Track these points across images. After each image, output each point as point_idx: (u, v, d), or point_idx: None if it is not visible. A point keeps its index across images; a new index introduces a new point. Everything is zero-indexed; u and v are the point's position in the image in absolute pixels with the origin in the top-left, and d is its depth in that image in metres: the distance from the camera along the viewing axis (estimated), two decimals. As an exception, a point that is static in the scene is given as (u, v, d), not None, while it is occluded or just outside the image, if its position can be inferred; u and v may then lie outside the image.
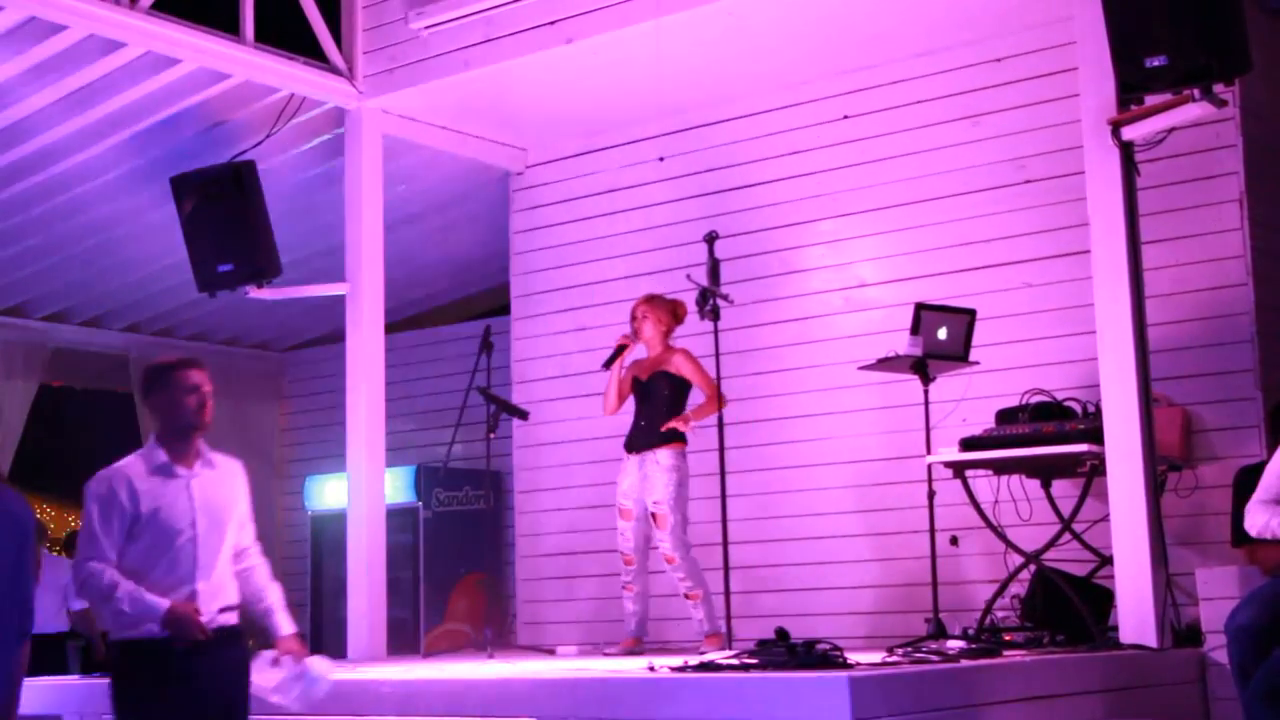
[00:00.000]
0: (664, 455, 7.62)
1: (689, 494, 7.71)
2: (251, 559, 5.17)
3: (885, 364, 7.51)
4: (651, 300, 7.95)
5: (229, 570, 5.02)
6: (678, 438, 7.68)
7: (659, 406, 7.72)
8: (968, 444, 7.07)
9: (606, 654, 7.59)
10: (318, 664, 5.12)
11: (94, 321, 12.01)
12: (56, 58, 8.20)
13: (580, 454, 9.62)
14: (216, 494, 5.13)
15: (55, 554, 12.48)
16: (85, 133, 8.94)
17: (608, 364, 7.93)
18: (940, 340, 7.35)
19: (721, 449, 7.62)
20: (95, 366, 12.64)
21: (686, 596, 7.62)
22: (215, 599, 4.89)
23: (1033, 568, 7.06)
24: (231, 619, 4.96)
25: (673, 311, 7.95)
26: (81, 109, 8.69)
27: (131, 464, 5.03)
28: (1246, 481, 6.33)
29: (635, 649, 7.63)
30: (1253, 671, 5.41)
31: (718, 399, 7.64)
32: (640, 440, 7.75)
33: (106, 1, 7.91)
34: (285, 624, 5.09)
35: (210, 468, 5.25)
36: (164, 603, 4.73)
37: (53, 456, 16.95)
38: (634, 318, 7.94)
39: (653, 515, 7.62)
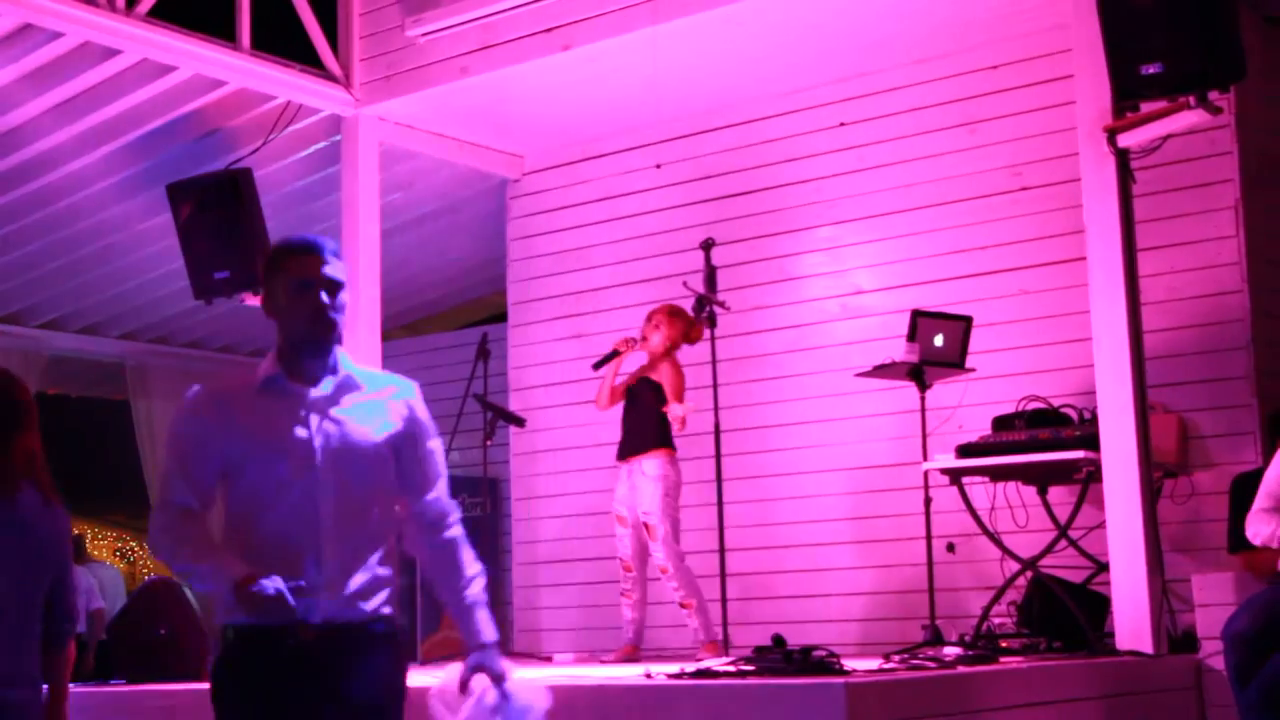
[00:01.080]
0: (649, 464, 7.59)
1: (680, 501, 7.68)
2: (439, 526, 3.77)
3: (882, 371, 7.51)
4: (673, 314, 7.85)
5: (377, 537, 3.60)
6: (663, 444, 7.63)
7: (644, 413, 7.68)
8: (964, 450, 7.07)
9: (604, 661, 7.58)
10: (526, 690, 3.78)
11: (90, 329, 11.99)
12: (52, 64, 8.21)
13: (577, 461, 9.61)
14: (358, 427, 3.59)
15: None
16: (81, 140, 8.94)
17: (598, 365, 7.91)
18: (936, 347, 7.35)
19: (718, 456, 7.62)
20: (91, 374, 12.65)
21: (681, 605, 7.61)
22: (343, 576, 3.50)
23: (1029, 574, 7.06)
24: (373, 610, 3.54)
25: (685, 332, 7.84)
26: (77, 116, 8.69)
27: (237, 378, 3.74)
28: (1243, 488, 6.35)
29: (633, 656, 7.61)
30: (1250, 677, 5.42)
31: (679, 399, 7.56)
32: (626, 448, 7.74)
33: (102, 8, 7.90)
34: (485, 629, 3.69)
35: (353, 390, 3.64)
36: (234, 570, 3.41)
37: (49, 464, 16.94)
38: (647, 320, 7.86)
39: (644, 525, 7.61)
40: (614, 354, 7.88)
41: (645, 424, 7.65)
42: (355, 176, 9.06)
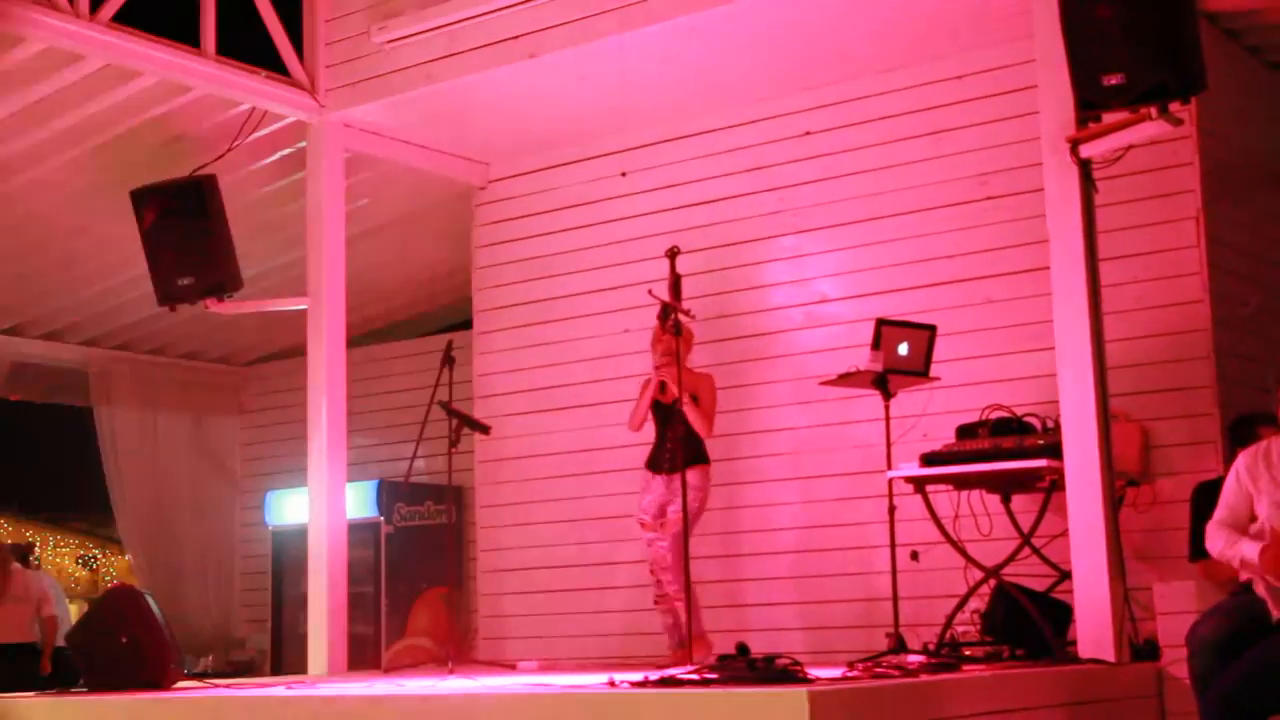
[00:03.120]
0: (693, 476, 7.73)
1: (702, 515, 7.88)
2: None
3: (846, 379, 7.53)
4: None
5: None
6: (703, 459, 7.88)
7: (683, 428, 7.76)
8: (928, 459, 7.09)
9: (660, 667, 7.53)
10: None
11: (53, 335, 11.94)
12: (15, 70, 8.16)
13: (543, 469, 9.61)
14: None
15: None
16: (44, 145, 8.90)
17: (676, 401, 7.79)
18: (901, 356, 7.37)
19: (683, 463, 7.63)
20: (54, 380, 12.56)
21: (674, 599, 7.73)
22: None
23: (993, 582, 7.08)
24: None
25: (692, 336, 8.08)
26: (41, 122, 8.64)
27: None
28: (1204, 496, 6.38)
29: (680, 658, 7.55)
30: (1213, 684, 5.45)
31: (708, 429, 7.88)
32: (669, 461, 7.88)
33: (66, 14, 7.86)
34: None
35: None
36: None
37: (11, 470, 16.84)
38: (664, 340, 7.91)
39: (662, 520, 7.81)
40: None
41: (690, 438, 7.78)
42: (320, 183, 9.05)
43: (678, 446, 7.72)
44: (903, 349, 7.37)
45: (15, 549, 11.69)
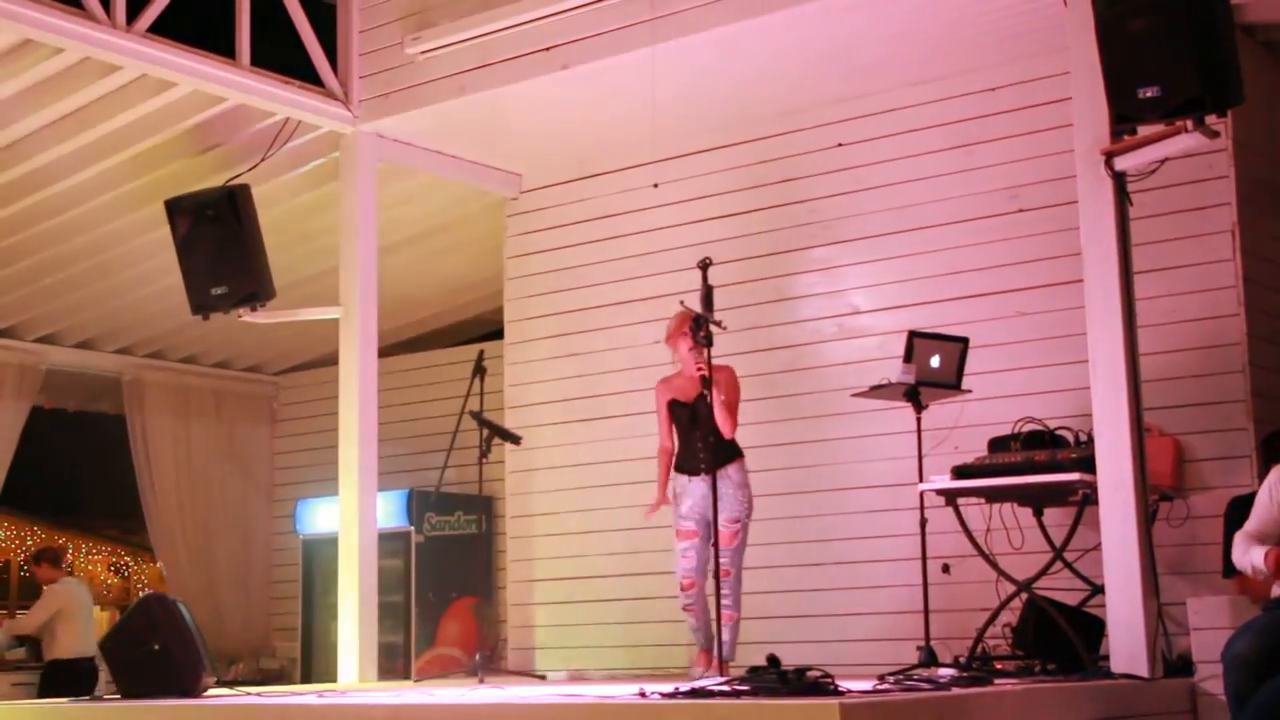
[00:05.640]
0: (734, 471, 7.65)
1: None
2: None
3: (878, 391, 7.52)
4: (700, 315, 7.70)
5: None
6: (739, 452, 7.71)
7: (712, 425, 7.55)
8: (960, 472, 7.07)
9: (693, 674, 7.51)
10: None
11: (87, 344, 12.00)
12: (53, 80, 8.22)
13: (573, 479, 9.61)
14: None
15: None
16: (81, 155, 8.95)
17: (703, 398, 7.58)
18: (933, 368, 7.36)
19: (714, 474, 7.61)
20: (88, 388, 12.65)
21: (721, 616, 7.58)
22: None
23: (1024, 596, 7.05)
24: None
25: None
26: (77, 131, 8.70)
27: None
28: (1239, 511, 6.35)
29: (711, 664, 7.55)
30: (1248, 700, 5.41)
31: (732, 427, 7.63)
32: (707, 461, 7.57)
33: (103, 24, 7.92)
34: None
35: None
36: None
37: (44, 478, 16.92)
38: (689, 333, 7.58)
39: (721, 533, 7.47)
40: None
41: (720, 435, 7.59)
42: (354, 193, 9.08)
43: (711, 444, 7.58)
44: (935, 361, 7.36)
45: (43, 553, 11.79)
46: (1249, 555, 5.65)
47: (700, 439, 7.71)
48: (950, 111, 8.48)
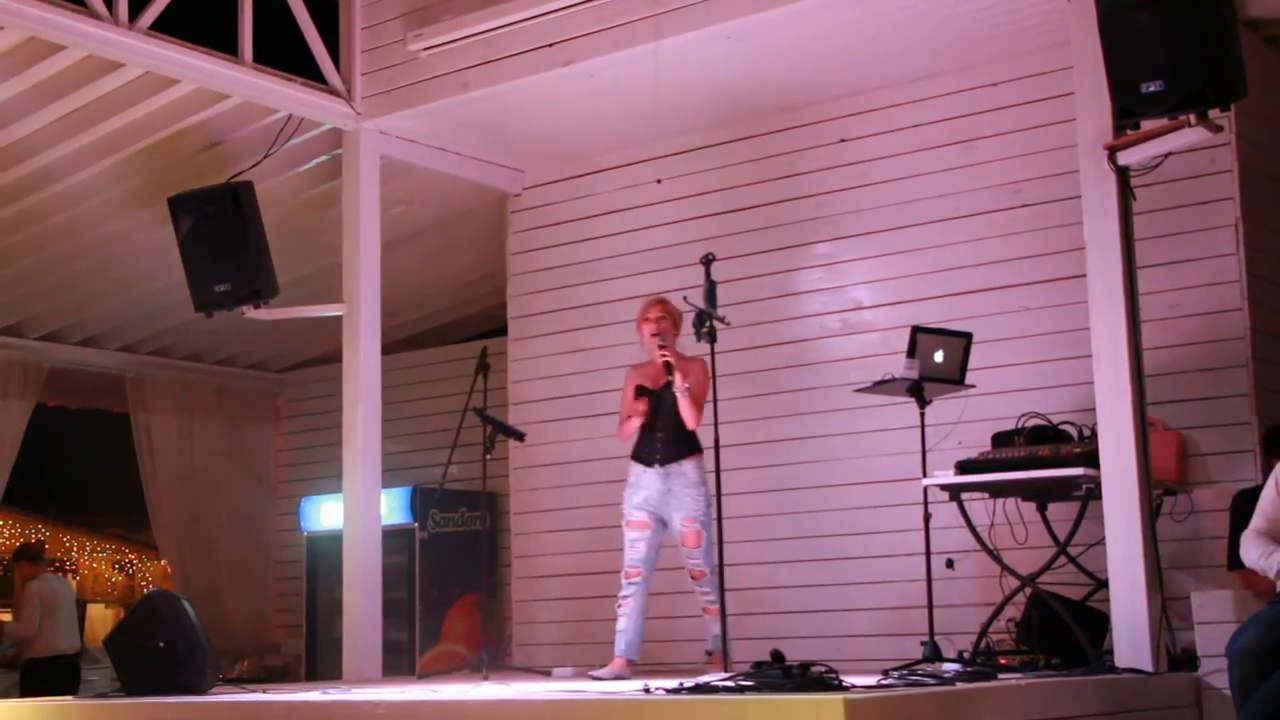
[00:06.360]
0: (690, 468, 7.48)
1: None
2: None
3: (881, 386, 7.52)
4: (667, 302, 7.71)
5: None
6: (699, 448, 7.51)
7: (675, 417, 7.47)
8: (964, 467, 7.08)
9: (594, 677, 7.47)
10: None
11: (90, 341, 12.01)
12: (55, 78, 8.22)
13: (577, 475, 9.61)
14: None
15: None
16: (84, 153, 8.96)
17: (668, 387, 7.45)
18: (936, 363, 7.36)
19: (718, 470, 7.60)
20: (91, 386, 12.65)
21: (705, 610, 7.55)
22: None
23: (1028, 591, 7.06)
24: None
25: (680, 316, 7.70)
26: (80, 129, 8.70)
27: None
28: (1244, 505, 6.35)
29: (624, 672, 7.47)
30: (1253, 694, 5.42)
31: (696, 419, 7.45)
32: (662, 454, 7.50)
33: (105, 22, 7.93)
34: None
35: None
36: None
37: (48, 476, 16.93)
38: (652, 319, 7.62)
39: (682, 534, 7.46)
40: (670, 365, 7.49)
41: (681, 428, 7.47)
42: (356, 190, 9.09)
43: (671, 436, 7.49)
44: (938, 356, 7.36)
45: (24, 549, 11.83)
46: (1273, 557, 5.60)
47: (661, 428, 7.54)
48: (953, 106, 8.48)
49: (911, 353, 7.31)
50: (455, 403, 8.75)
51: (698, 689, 5.26)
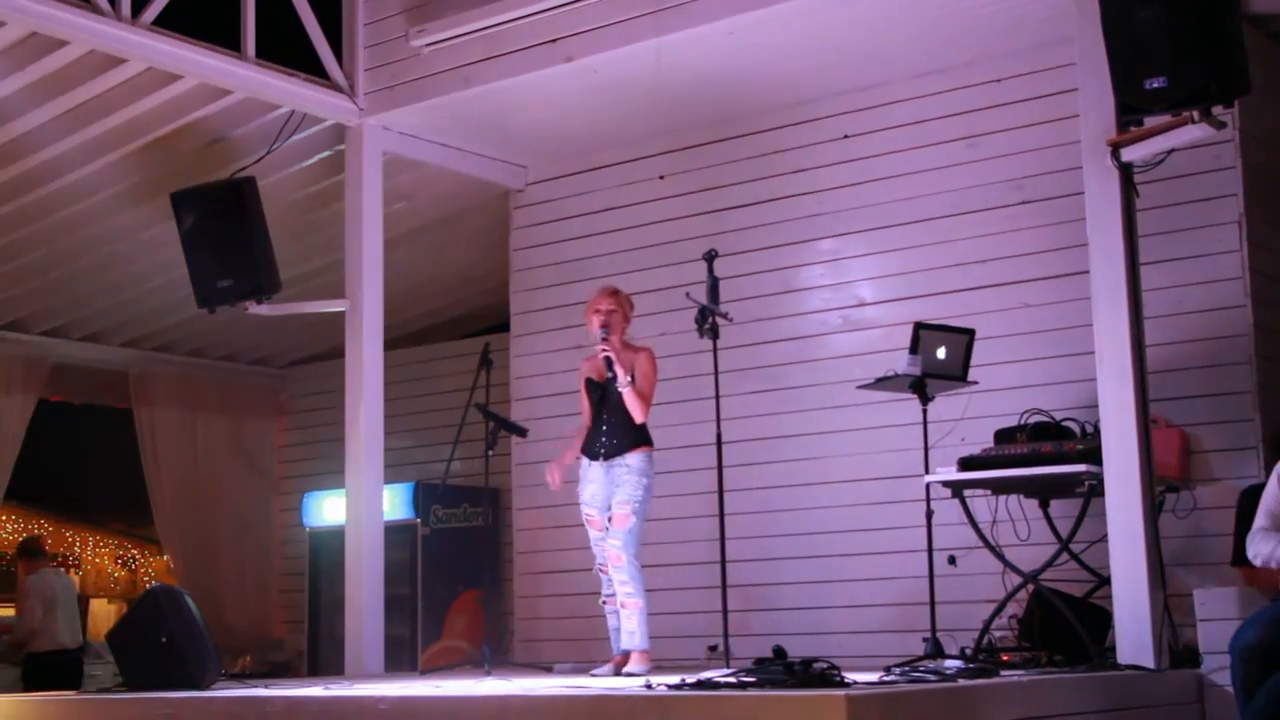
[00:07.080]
0: (635, 459, 7.34)
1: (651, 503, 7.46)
2: None
3: (884, 383, 7.51)
4: (618, 293, 7.64)
5: None
6: (646, 440, 7.41)
7: (620, 409, 7.38)
8: (966, 463, 7.07)
9: (594, 675, 7.45)
10: None
11: (93, 337, 12.02)
12: (58, 73, 8.22)
13: (578, 471, 9.58)
14: None
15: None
16: (86, 148, 8.96)
17: (613, 380, 7.42)
18: (939, 360, 7.35)
19: (720, 467, 7.60)
20: (94, 381, 12.65)
21: (622, 605, 7.32)
22: None
23: (1030, 588, 7.06)
24: None
25: (631, 307, 7.68)
26: (83, 125, 8.70)
27: None
28: (1251, 502, 6.34)
29: (623, 667, 7.41)
30: (1256, 691, 5.42)
31: (644, 412, 7.34)
32: (606, 446, 7.41)
33: (108, 17, 7.93)
34: None
35: None
36: None
37: (51, 471, 16.95)
38: (602, 310, 7.54)
39: (610, 516, 7.35)
40: (609, 360, 7.45)
41: (628, 420, 7.37)
42: (359, 185, 9.09)
43: (617, 428, 7.40)
44: (941, 353, 7.36)
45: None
46: None
47: (606, 421, 7.45)
48: (956, 103, 8.48)
49: (914, 349, 7.31)
50: (458, 398, 8.76)
51: (700, 685, 5.26)
